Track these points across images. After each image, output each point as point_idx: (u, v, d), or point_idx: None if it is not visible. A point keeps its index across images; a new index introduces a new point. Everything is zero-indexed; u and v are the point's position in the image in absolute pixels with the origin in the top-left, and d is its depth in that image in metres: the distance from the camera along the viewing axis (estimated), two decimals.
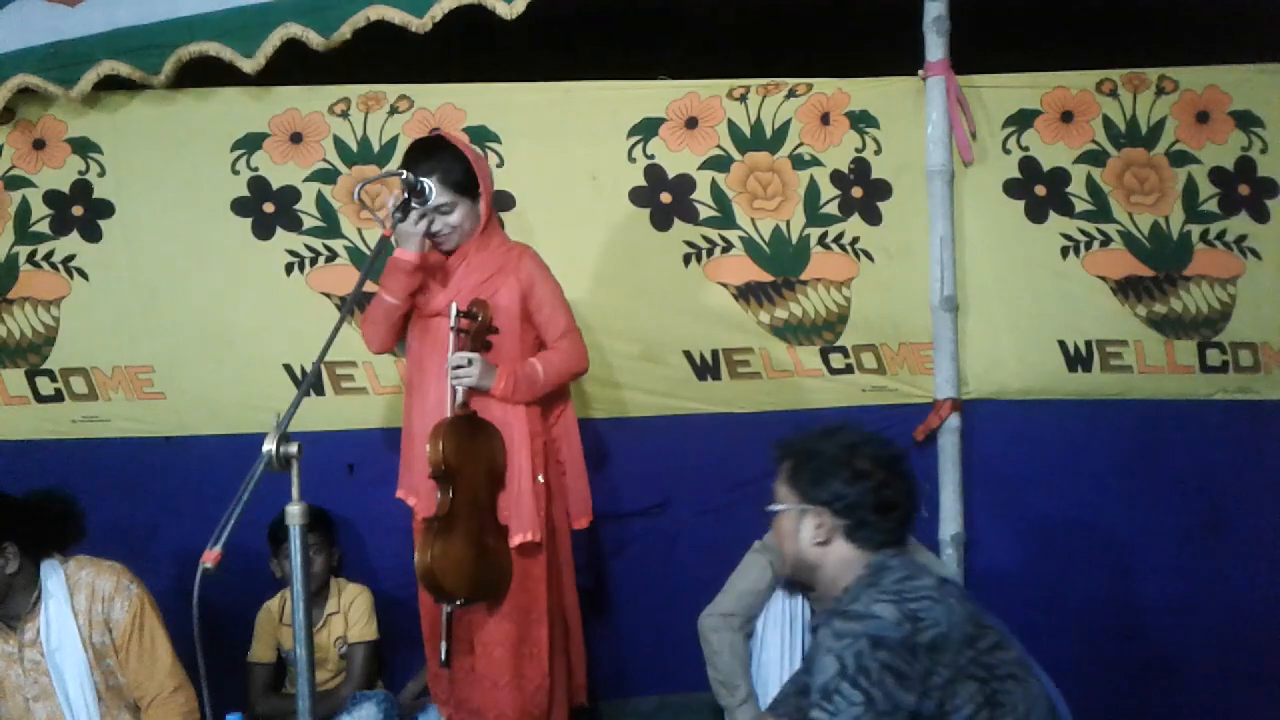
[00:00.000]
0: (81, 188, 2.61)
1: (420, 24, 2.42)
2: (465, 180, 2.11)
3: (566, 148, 2.68)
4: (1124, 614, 2.66)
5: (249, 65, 2.44)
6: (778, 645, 2.26)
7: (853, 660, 1.41)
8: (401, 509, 2.49)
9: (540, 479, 2.17)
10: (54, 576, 2.05)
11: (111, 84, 2.53)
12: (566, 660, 2.30)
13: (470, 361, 2.08)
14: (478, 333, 2.10)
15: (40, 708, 2.06)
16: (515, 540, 2.13)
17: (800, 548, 1.63)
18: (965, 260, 2.73)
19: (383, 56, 2.62)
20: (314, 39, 2.43)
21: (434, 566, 2.01)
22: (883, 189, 2.75)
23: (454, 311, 2.08)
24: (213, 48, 2.44)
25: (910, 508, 1.62)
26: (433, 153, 2.11)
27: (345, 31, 2.43)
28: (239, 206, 2.64)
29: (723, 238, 2.72)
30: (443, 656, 2.11)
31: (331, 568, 2.57)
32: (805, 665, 1.75)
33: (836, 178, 2.73)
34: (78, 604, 2.05)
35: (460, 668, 2.19)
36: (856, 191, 2.74)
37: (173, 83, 2.54)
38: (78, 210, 2.61)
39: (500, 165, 2.65)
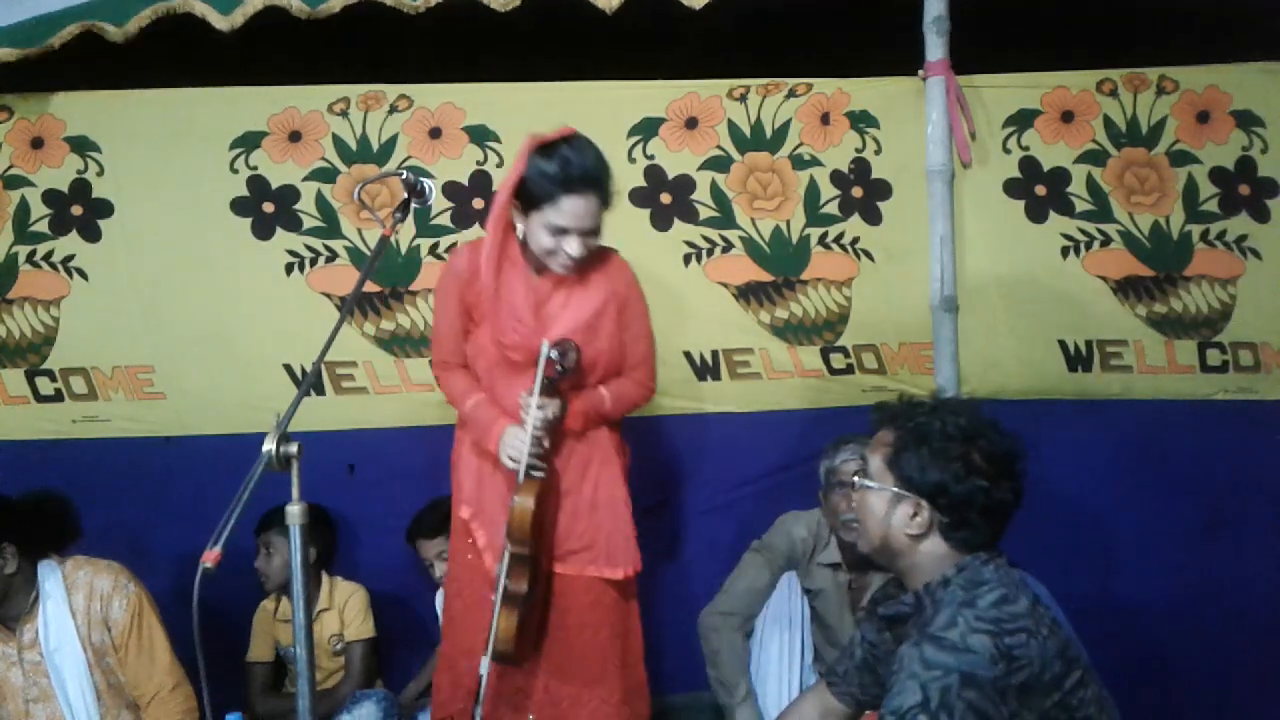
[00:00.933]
0: (80, 187, 2.60)
1: (413, 5, 2.36)
2: (609, 204, 1.92)
3: None
4: (1123, 614, 2.65)
5: (224, 23, 2.34)
6: (777, 644, 2.26)
7: (938, 695, 1.31)
8: (401, 509, 2.50)
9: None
10: (51, 577, 2.05)
11: (102, 76, 2.53)
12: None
13: (549, 406, 1.91)
14: (563, 379, 1.93)
15: (40, 709, 2.06)
16: (619, 574, 2.04)
17: (889, 534, 1.48)
18: (965, 260, 2.72)
19: (383, 56, 2.61)
20: (296, 4, 2.34)
21: (518, 646, 1.91)
22: (883, 189, 2.75)
23: (544, 355, 1.86)
24: (187, 3, 2.35)
25: (1016, 510, 1.47)
26: (605, 167, 1.90)
27: (334, 3, 2.33)
28: (238, 206, 2.64)
29: (723, 238, 2.72)
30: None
31: (316, 562, 2.54)
32: (862, 639, 1.64)
33: (836, 178, 2.73)
34: (76, 604, 2.04)
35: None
36: (857, 191, 2.74)
37: (163, 72, 2.52)
38: (77, 210, 2.61)
39: (500, 164, 2.65)
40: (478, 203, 2.65)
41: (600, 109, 2.68)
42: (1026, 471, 1.47)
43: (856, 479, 1.54)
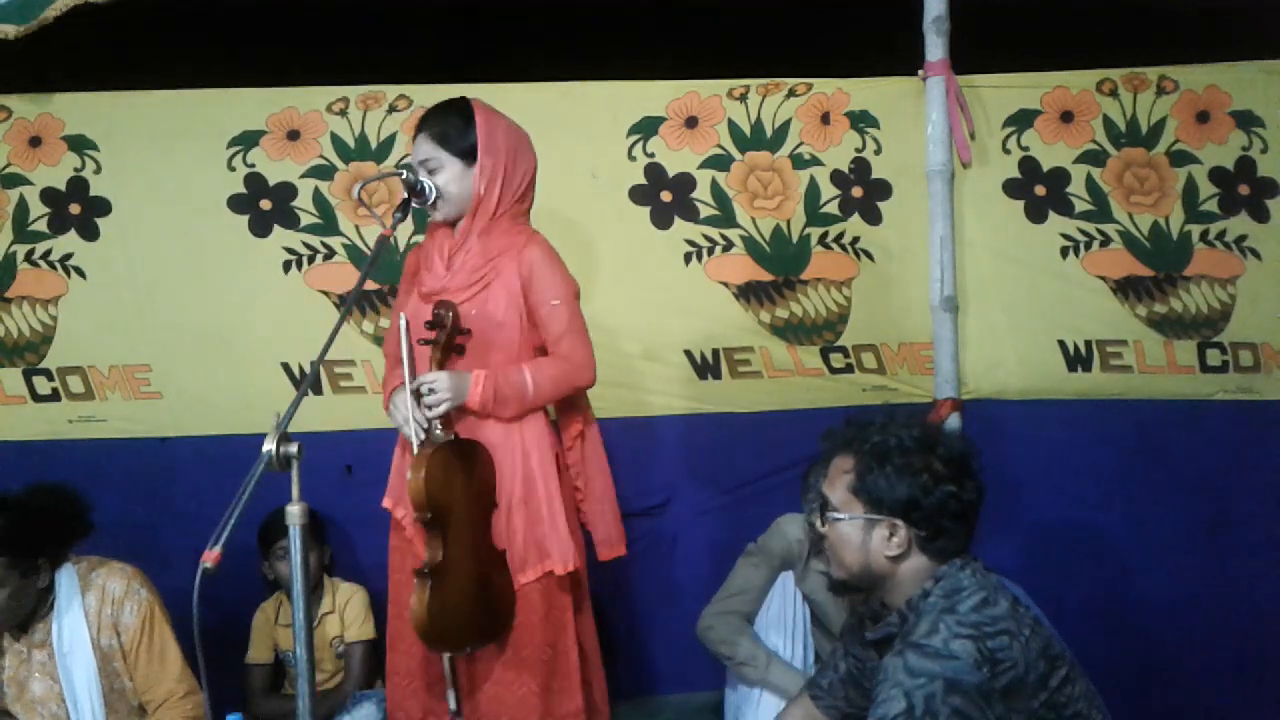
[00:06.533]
0: (78, 185, 2.60)
1: None
2: (459, 141, 1.90)
3: (566, 146, 2.66)
4: (1124, 614, 2.65)
5: None
6: (775, 646, 2.24)
7: (923, 703, 1.31)
8: None
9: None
10: (67, 579, 2.04)
11: (100, 76, 2.52)
12: (590, 690, 2.03)
13: (435, 382, 1.81)
14: (447, 342, 1.85)
15: (45, 708, 2.04)
16: (555, 569, 1.89)
17: (869, 561, 1.46)
18: (965, 260, 2.72)
19: (383, 56, 2.61)
20: None
21: (434, 625, 1.77)
22: (883, 189, 2.75)
23: (404, 325, 1.81)
24: None
25: (980, 508, 1.48)
26: (439, 111, 1.95)
27: None
28: (236, 203, 2.63)
29: (723, 236, 2.72)
30: (454, 705, 1.88)
31: (324, 566, 2.56)
32: (846, 652, 1.64)
33: (837, 177, 2.74)
34: (88, 605, 2.03)
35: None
36: (857, 191, 2.74)
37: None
38: (75, 208, 2.60)
39: None
40: None
41: (600, 109, 2.69)
42: (983, 469, 1.49)
43: (825, 513, 1.51)
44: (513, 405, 1.87)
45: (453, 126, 1.92)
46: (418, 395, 1.84)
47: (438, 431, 1.84)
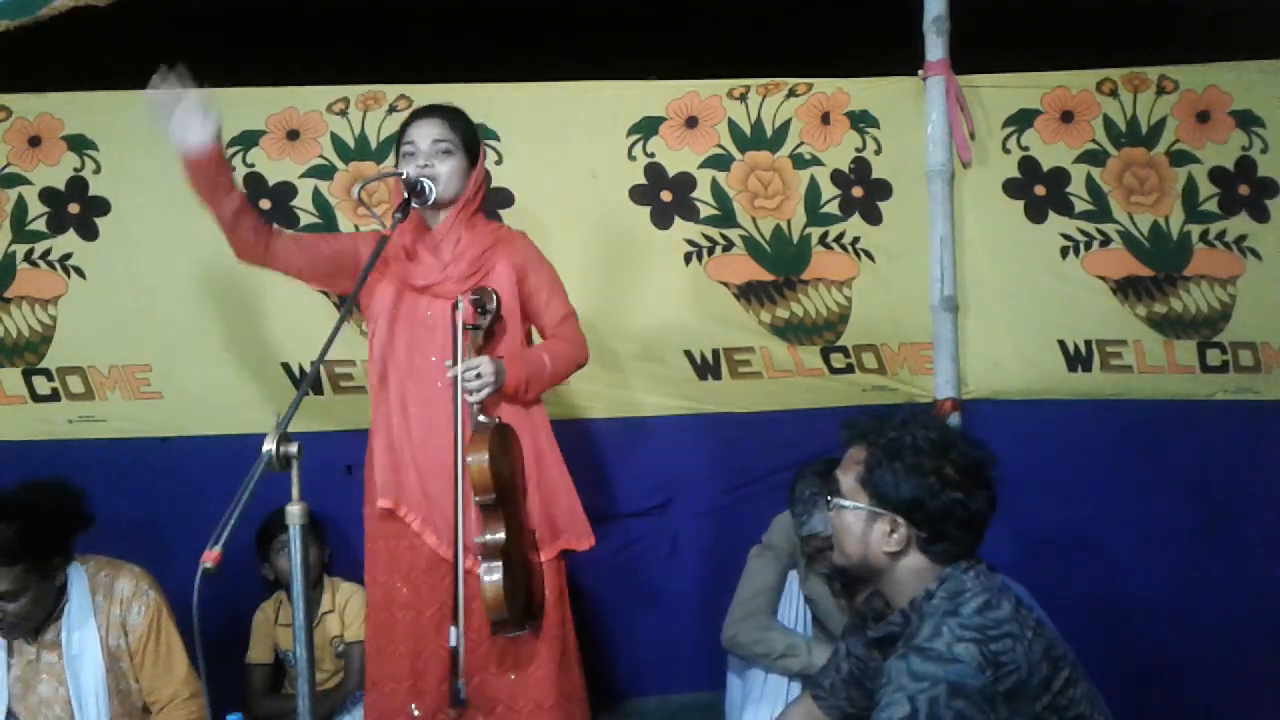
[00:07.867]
0: (78, 185, 2.60)
1: None
2: (466, 136, 1.99)
3: (566, 146, 2.68)
4: (1123, 614, 2.65)
5: None
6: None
7: (926, 706, 1.31)
8: None
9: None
10: (77, 581, 2.04)
11: (100, 76, 2.52)
12: None
13: (480, 367, 1.86)
14: (489, 327, 1.91)
15: (49, 710, 2.04)
16: (576, 546, 2.00)
17: (868, 552, 1.48)
18: (965, 260, 2.73)
19: (383, 56, 2.61)
20: None
21: (510, 605, 1.81)
22: (883, 189, 2.75)
23: (460, 307, 1.89)
24: None
25: (992, 518, 1.47)
26: (444, 106, 2.02)
27: None
28: None
29: (724, 236, 2.72)
30: (461, 695, 1.89)
31: (323, 565, 2.56)
32: (848, 653, 1.64)
33: (837, 177, 2.74)
34: (98, 606, 2.03)
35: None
36: (857, 191, 2.74)
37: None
38: (74, 208, 2.60)
39: (499, 163, 2.64)
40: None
41: (600, 109, 2.69)
42: (998, 478, 1.47)
43: (830, 499, 1.53)
44: (535, 387, 1.98)
45: (462, 121, 2.01)
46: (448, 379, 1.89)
47: (480, 416, 1.88)
